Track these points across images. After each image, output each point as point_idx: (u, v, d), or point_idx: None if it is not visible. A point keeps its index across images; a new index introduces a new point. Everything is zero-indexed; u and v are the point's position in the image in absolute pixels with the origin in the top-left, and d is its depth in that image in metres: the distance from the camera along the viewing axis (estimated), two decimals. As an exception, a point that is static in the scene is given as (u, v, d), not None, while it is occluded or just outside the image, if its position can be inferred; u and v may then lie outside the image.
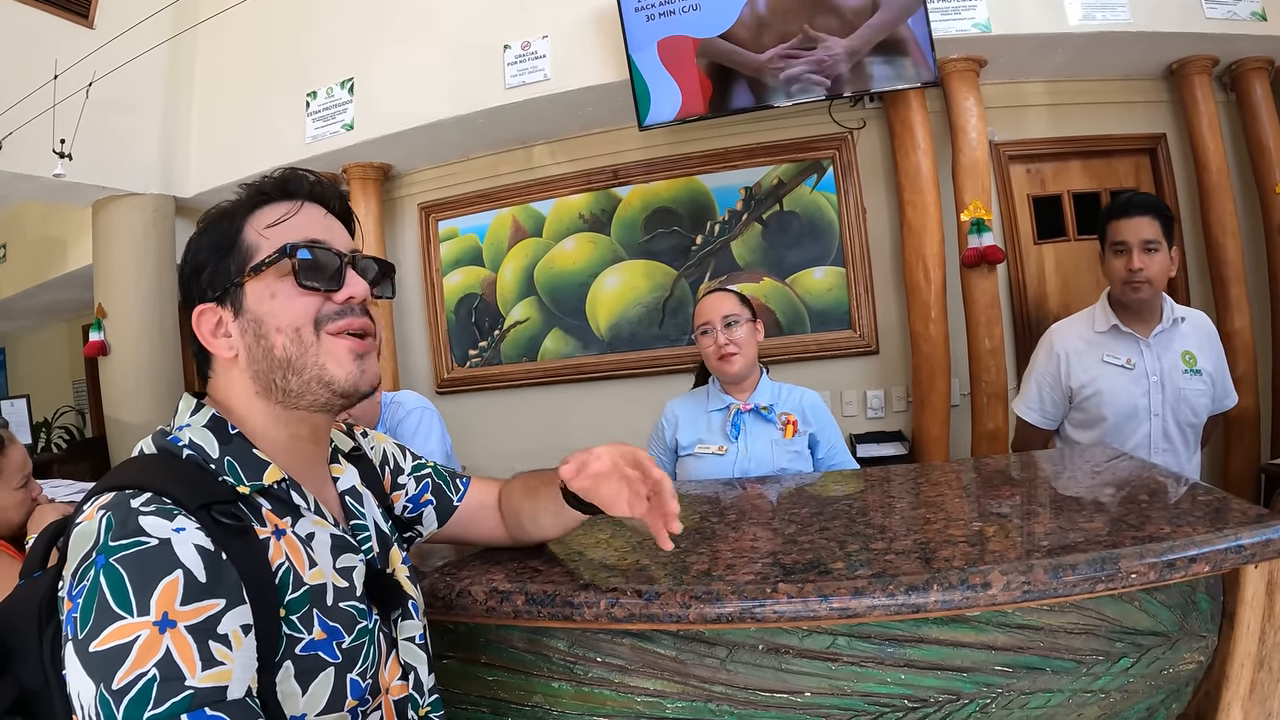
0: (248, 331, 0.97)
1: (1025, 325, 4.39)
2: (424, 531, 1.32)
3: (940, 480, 1.68)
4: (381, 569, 1.08)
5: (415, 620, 1.10)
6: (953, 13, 3.84)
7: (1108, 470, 1.66)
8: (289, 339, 0.97)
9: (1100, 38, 3.88)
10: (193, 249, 1.01)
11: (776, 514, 1.52)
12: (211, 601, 0.79)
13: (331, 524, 1.02)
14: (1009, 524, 1.28)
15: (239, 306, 0.98)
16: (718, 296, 2.47)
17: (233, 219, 1.00)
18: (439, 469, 1.36)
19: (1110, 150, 4.46)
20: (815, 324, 4.52)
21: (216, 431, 0.97)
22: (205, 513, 0.85)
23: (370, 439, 1.29)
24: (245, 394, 1.00)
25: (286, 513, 0.97)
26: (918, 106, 4.11)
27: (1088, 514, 1.30)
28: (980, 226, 3.94)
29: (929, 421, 4.11)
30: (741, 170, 4.63)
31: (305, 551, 0.94)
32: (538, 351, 5.09)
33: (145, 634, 0.74)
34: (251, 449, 0.97)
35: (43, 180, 4.39)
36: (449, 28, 4.50)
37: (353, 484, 1.13)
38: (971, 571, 1.05)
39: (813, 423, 2.39)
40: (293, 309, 0.97)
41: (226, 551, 0.84)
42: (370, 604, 1.00)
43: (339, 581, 0.97)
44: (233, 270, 0.97)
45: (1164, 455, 2.40)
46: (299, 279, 0.97)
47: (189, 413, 0.99)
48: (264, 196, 1.02)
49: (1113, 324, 2.44)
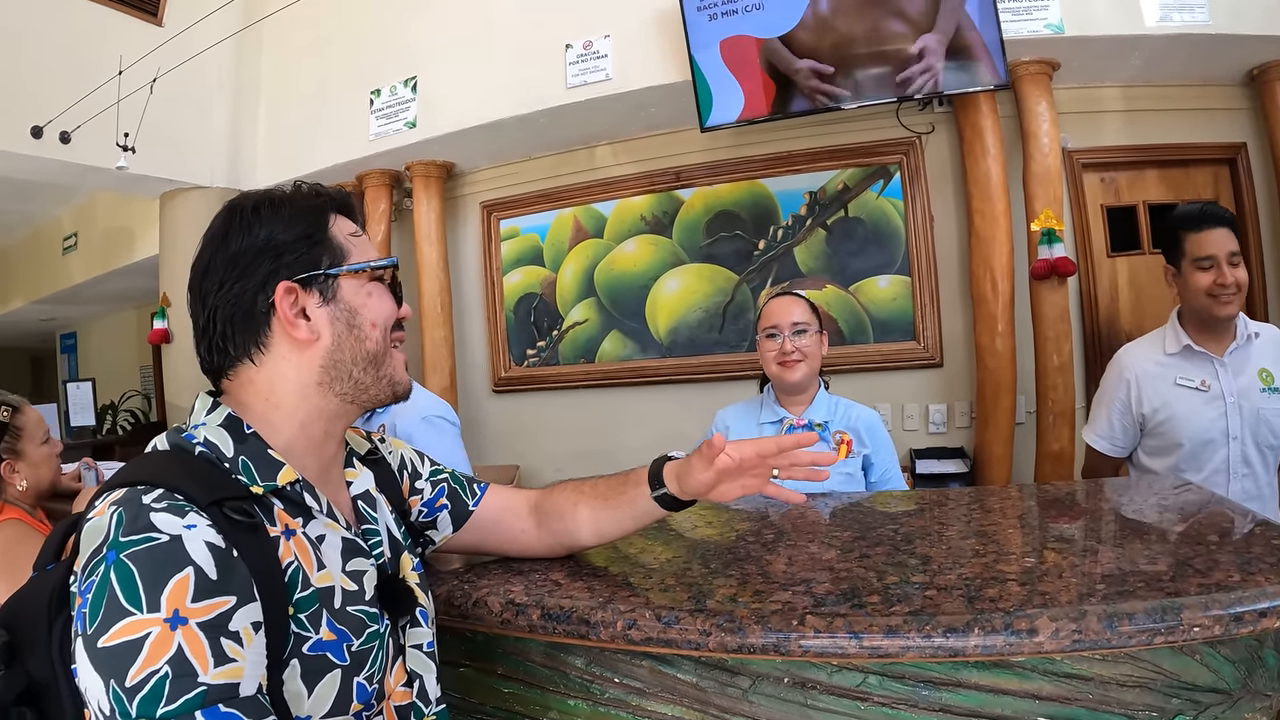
0: (339, 319, 1.02)
1: (1096, 342, 4.21)
2: (438, 538, 1.30)
3: (995, 507, 1.58)
4: (393, 574, 1.07)
5: (424, 628, 1.09)
6: (1024, 13, 3.69)
7: (1175, 504, 1.54)
8: (380, 334, 1.05)
9: (1178, 40, 3.68)
10: (264, 228, 1.01)
11: (816, 536, 1.44)
12: (223, 599, 0.79)
13: (343, 527, 1.02)
14: (1064, 561, 1.19)
15: (329, 295, 1.02)
16: (788, 301, 2.38)
17: (320, 214, 1.05)
18: (456, 474, 1.34)
19: (1188, 160, 4.24)
20: (878, 334, 4.40)
21: (232, 431, 0.96)
22: (217, 509, 0.85)
23: (388, 444, 1.28)
24: (300, 383, 1.01)
25: (298, 514, 0.96)
26: (988, 111, 3.97)
27: (1150, 554, 1.19)
28: (1051, 237, 3.79)
29: (992, 439, 3.97)
30: (806, 174, 4.53)
31: (314, 553, 0.94)
32: (596, 353, 5.07)
33: (156, 631, 0.74)
34: (266, 449, 0.97)
35: (110, 172, 4.50)
36: (511, 27, 4.51)
37: (366, 488, 1.13)
38: (1018, 615, 0.97)
39: (868, 444, 2.30)
40: (384, 309, 1.06)
41: (238, 548, 0.83)
42: (381, 609, 1.00)
43: (348, 585, 0.97)
44: (325, 261, 1.02)
45: (1243, 481, 2.26)
46: (392, 288, 1.09)
47: (204, 412, 0.99)
48: (338, 205, 1.08)
49: (1185, 344, 2.31)
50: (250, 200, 1.04)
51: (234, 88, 5.32)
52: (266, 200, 1.04)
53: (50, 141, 4.40)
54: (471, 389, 5.44)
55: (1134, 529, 1.43)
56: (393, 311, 1.08)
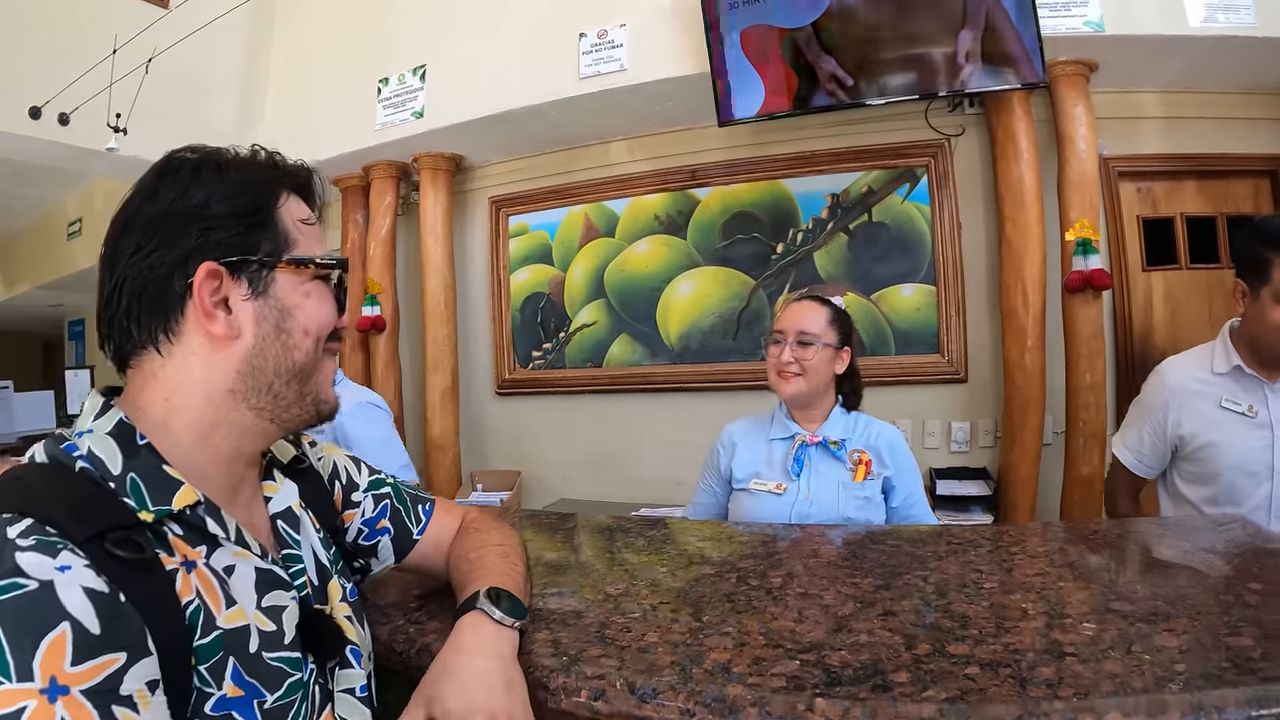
0: (266, 319, 0.87)
1: (1129, 360, 3.98)
2: (377, 566, 1.14)
3: (1040, 551, 1.36)
4: (318, 609, 0.92)
5: (356, 669, 0.94)
6: (1062, 9, 3.47)
7: (1252, 555, 1.33)
8: (312, 345, 0.90)
9: (1221, 43, 3.45)
10: (201, 191, 0.85)
11: (832, 582, 1.22)
12: (110, 656, 0.65)
13: (257, 555, 0.87)
14: (1130, 629, 0.97)
15: (261, 288, 0.87)
16: (804, 306, 2.17)
17: (269, 191, 0.90)
18: (400, 489, 1.17)
19: (1228, 171, 4.02)
20: (900, 346, 4.18)
21: (121, 441, 0.80)
22: (98, 543, 0.70)
23: (319, 449, 1.12)
24: (209, 387, 0.85)
25: (200, 541, 0.81)
26: (1021, 113, 3.76)
27: (1232, 620, 0.98)
28: (1087, 247, 3.57)
29: (1018, 460, 3.74)
30: (828, 175, 4.32)
31: (221, 588, 0.80)
32: (603, 357, 4.89)
33: (33, 705, 0.61)
34: (161, 465, 0.81)
35: (112, 156, 4.35)
36: (524, 15, 4.36)
37: (288, 505, 0.97)
38: (1081, 705, 0.77)
39: (889, 465, 2.08)
40: (322, 315, 0.91)
41: (125, 591, 0.69)
42: (304, 651, 0.86)
43: (265, 624, 0.83)
44: (264, 247, 0.87)
45: None
46: (336, 292, 0.94)
47: (93, 415, 0.83)
48: (295, 183, 0.94)
49: (1235, 364, 2.05)
50: (196, 155, 0.89)
51: (243, 74, 5.17)
52: (213, 159, 0.88)
53: (49, 123, 4.27)
54: (474, 390, 5.25)
55: (1211, 588, 1.19)
56: (331, 319, 0.93)
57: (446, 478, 4.86)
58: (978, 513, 3.77)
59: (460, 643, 0.92)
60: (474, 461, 5.16)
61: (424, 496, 1.21)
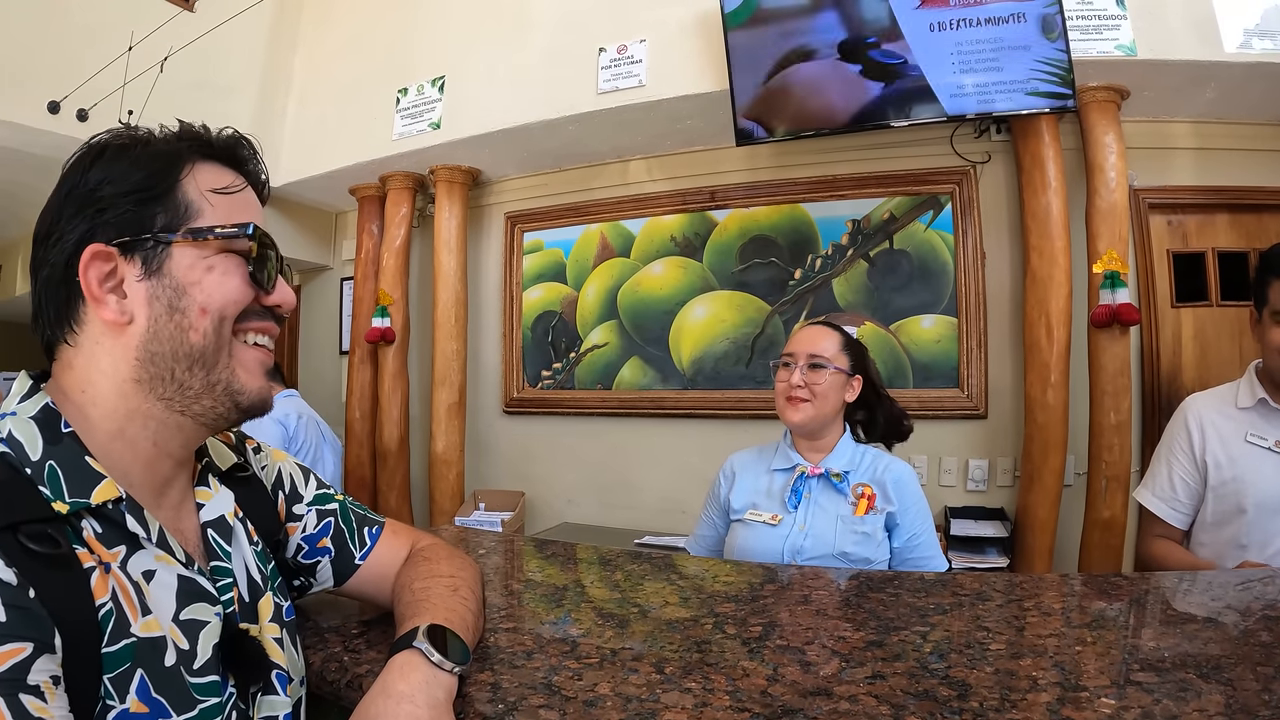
0: (159, 299, 0.80)
1: (1155, 400, 3.81)
2: (315, 587, 1.06)
3: (1055, 608, 1.22)
4: (243, 627, 0.85)
5: (281, 696, 0.86)
6: (1093, 31, 3.34)
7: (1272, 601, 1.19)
8: (211, 325, 0.82)
9: (1256, 70, 3.30)
10: (90, 175, 0.80)
11: (816, 635, 1.09)
12: (15, 646, 0.62)
13: (181, 562, 0.81)
14: (1155, 707, 0.83)
15: (154, 266, 0.80)
16: (817, 330, 2.10)
17: (170, 163, 0.82)
18: (348, 507, 1.09)
19: (1261, 205, 3.84)
20: (918, 379, 4.04)
21: (45, 427, 0.77)
22: (10, 534, 0.67)
23: (264, 455, 1.04)
24: (116, 378, 0.81)
25: (119, 541, 0.76)
26: (1050, 140, 3.62)
27: (1274, 698, 0.85)
28: (1115, 281, 3.42)
29: (1037, 501, 3.58)
30: (850, 200, 4.20)
31: (137, 595, 0.74)
32: (614, 380, 4.77)
33: None
34: (84, 456, 0.76)
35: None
36: (545, 28, 4.28)
37: (222, 513, 0.91)
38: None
39: (894, 501, 1.95)
40: (225, 290, 0.82)
41: (35, 586, 0.66)
42: (224, 673, 0.80)
43: (180, 640, 0.76)
44: (159, 222, 0.80)
45: None
46: (250, 265, 0.85)
47: (19, 397, 0.80)
48: (210, 150, 0.86)
49: (1260, 398, 1.99)
50: (107, 137, 0.83)
51: (264, 78, 5.12)
52: (123, 139, 0.83)
53: (67, 118, 4.24)
54: (482, 408, 5.15)
55: (1239, 652, 1.06)
56: (240, 295, 0.84)
57: (449, 495, 4.74)
58: (993, 555, 3.60)
59: (388, 685, 0.82)
60: (478, 480, 5.05)
61: (374, 518, 1.12)
